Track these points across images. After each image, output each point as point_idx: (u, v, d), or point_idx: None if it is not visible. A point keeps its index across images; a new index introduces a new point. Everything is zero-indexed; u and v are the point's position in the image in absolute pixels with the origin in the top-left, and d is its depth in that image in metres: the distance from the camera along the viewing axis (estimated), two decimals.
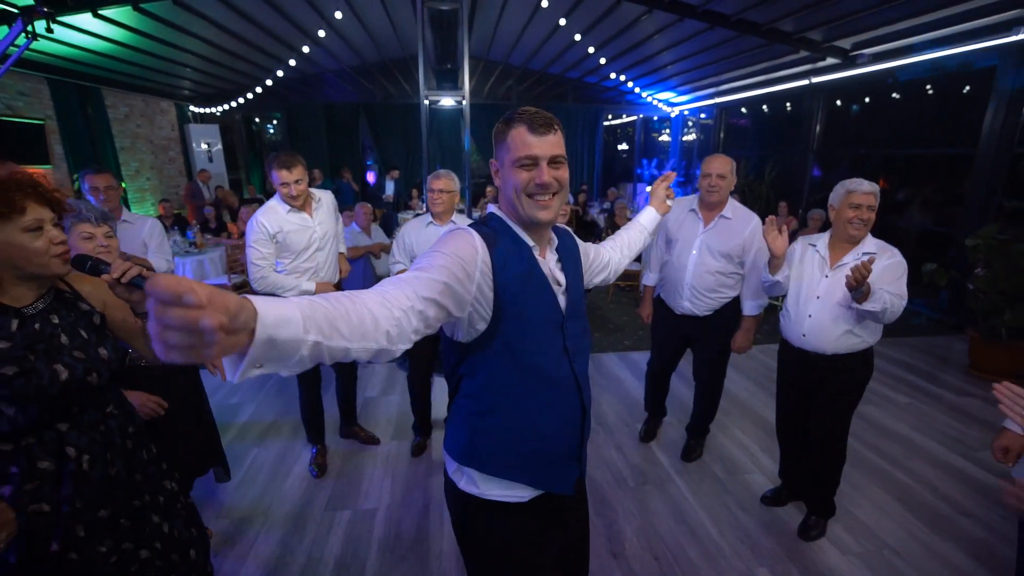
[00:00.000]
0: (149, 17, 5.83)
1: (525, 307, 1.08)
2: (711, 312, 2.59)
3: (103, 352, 1.24)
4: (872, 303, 1.85)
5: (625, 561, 2.17)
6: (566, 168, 1.10)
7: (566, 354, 1.16)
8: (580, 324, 1.21)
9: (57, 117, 7.10)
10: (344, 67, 10.25)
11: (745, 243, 2.47)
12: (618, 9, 6.28)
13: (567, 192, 1.14)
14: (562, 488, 1.19)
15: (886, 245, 2.05)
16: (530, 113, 1.06)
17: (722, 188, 2.43)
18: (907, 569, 2.13)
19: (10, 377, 1.09)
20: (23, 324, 1.15)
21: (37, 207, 1.13)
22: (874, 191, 1.96)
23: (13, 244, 1.11)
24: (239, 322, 0.58)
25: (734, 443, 3.07)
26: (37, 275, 1.17)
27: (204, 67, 8.41)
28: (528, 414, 1.13)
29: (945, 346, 4.70)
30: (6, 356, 1.11)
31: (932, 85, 5.90)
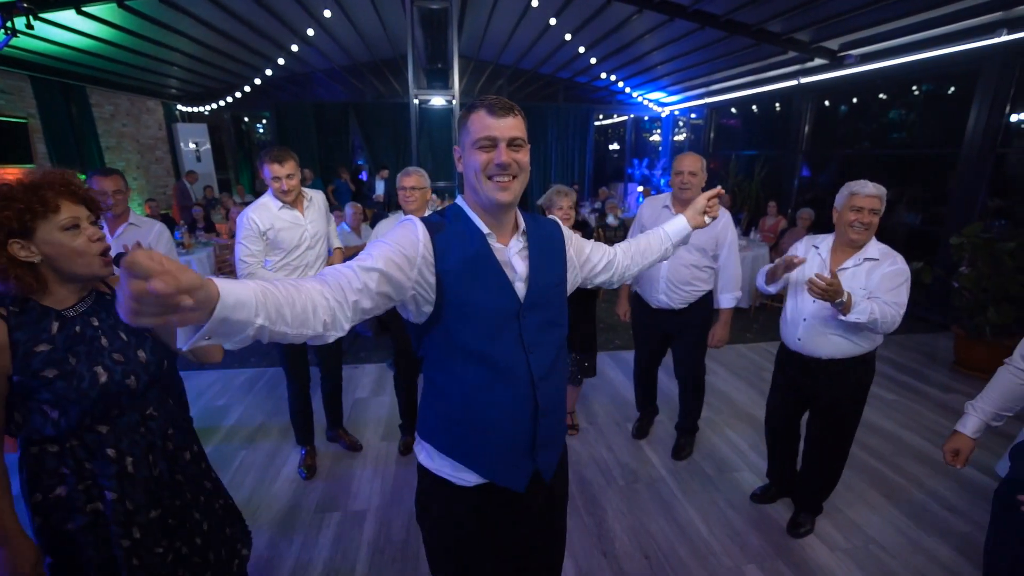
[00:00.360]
0: (134, 14, 5.76)
1: (470, 293, 1.08)
2: (686, 305, 2.65)
3: (142, 355, 1.24)
4: (856, 314, 1.82)
5: (615, 560, 2.17)
6: (526, 152, 1.11)
7: (521, 346, 1.12)
8: (544, 316, 1.16)
9: (40, 115, 6.98)
10: (334, 66, 10.18)
11: (718, 237, 2.56)
12: (608, 9, 6.29)
13: (527, 176, 1.13)
14: (508, 482, 1.16)
15: (890, 251, 1.98)
16: (491, 99, 1.08)
17: (694, 185, 2.50)
18: (893, 564, 2.15)
19: (51, 380, 1.10)
20: (64, 326, 1.15)
21: (71, 205, 1.12)
22: (879, 194, 1.91)
23: (53, 243, 1.10)
24: (199, 298, 0.65)
25: (724, 441, 3.09)
26: (80, 276, 1.16)
27: (191, 65, 8.32)
28: (474, 402, 1.12)
29: (931, 343, 4.76)
30: (48, 359, 1.11)
31: (918, 86, 5.98)
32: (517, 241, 1.17)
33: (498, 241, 1.14)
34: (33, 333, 1.11)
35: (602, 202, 7.86)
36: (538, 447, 1.18)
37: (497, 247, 1.13)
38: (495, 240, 1.13)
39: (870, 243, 1.99)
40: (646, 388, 3.11)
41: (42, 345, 1.11)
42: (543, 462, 1.20)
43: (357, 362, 4.25)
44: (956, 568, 2.13)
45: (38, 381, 1.09)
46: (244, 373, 4.00)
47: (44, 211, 1.08)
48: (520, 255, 1.17)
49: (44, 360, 1.10)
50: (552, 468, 1.24)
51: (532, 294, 1.14)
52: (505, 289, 1.11)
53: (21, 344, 1.09)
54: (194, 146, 10.04)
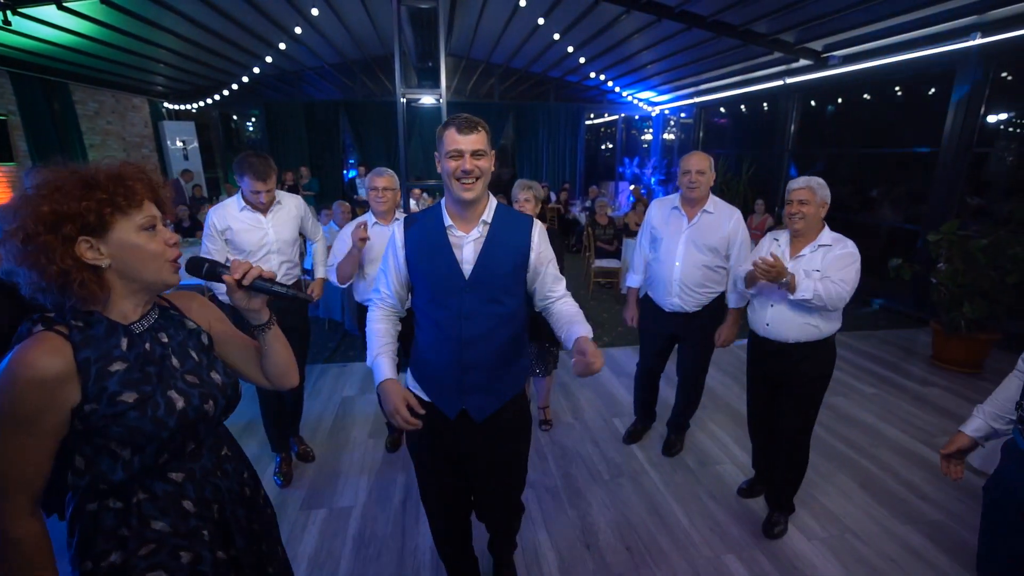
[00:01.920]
0: (117, 10, 5.69)
1: (426, 268, 1.47)
2: (700, 308, 2.61)
3: (216, 376, 1.07)
4: (801, 292, 1.99)
5: (598, 552, 2.21)
6: (488, 159, 1.41)
7: (459, 314, 1.44)
8: (487, 294, 1.45)
9: (20, 112, 6.89)
10: (324, 64, 10.14)
11: (729, 236, 2.51)
12: (596, 9, 6.33)
13: (488, 179, 1.43)
14: (443, 408, 1.53)
15: (841, 238, 2.13)
16: (460, 118, 1.39)
17: (702, 184, 2.48)
18: (868, 552, 2.21)
19: (127, 408, 0.90)
20: (132, 344, 0.96)
21: (149, 202, 0.96)
22: (805, 186, 2.07)
23: (128, 244, 0.92)
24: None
25: (708, 435, 3.14)
26: (149, 285, 0.98)
27: (178, 63, 8.25)
28: (426, 347, 1.53)
29: (910, 338, 4.86)
30: (125, 379, 0.92)
31: (899, 86, 6.09)
32: (476, 231, 1.46)
33: (459, 230, 1.46)
34: (104, 350, 0.91)
35: (592, 201, 7.90)
36: (465, 391, 1.51)
37: (457, 235, 1.45)
38: (456, 230, 1.46)
39: (824, 232, 2.13)
40: (647, 394, 3.03)
41: (116, 363, 0.92)
42: (471, 405, 1.52)
43: (346, 360, 4.26)
44: (927, 555, 2.20)
45: (115, 408, 0.89)
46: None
47: (127, 206, 0.91)
48: (475, 243, 1.45)
49: (121, 381, 0.91)
50: (483, 413, 1.53)
51: (476, 275, 1.44)
52: (452, 268, 1.44)
53: (92, 363, 0.89)
54: (181, 144, 9.95)
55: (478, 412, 1.53)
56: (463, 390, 1.51)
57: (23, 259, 0.84)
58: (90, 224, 0.87)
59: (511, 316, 1.49)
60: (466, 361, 1.47)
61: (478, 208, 1.45)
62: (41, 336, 0.86)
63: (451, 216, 1.46)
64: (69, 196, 0.85)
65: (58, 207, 0.84)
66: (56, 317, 0.89)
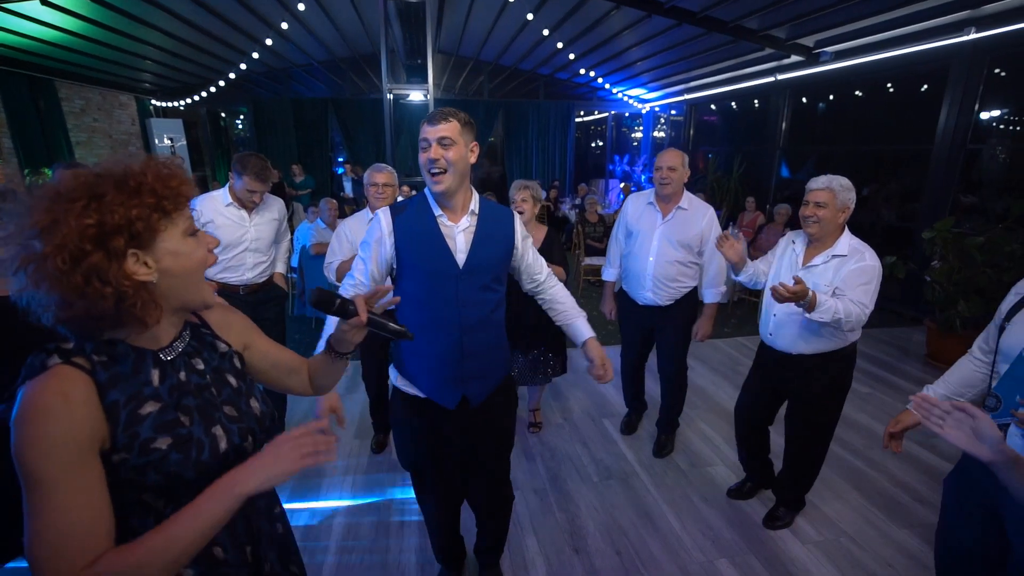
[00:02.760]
0: (102, 6, 5.58)
1: (418, 256, 1.45)
2: (672, 302, 2.63)
3: (255, 405, 0.93)
4: (819, 313, 1.78)
5: (587, 556, 2.14)
6: (456, 150, 1.37)
7: (456, 301, 1.45)
8: (482, 281, 1.48)
9: (5, 109, 6.75)
10: (312, 61, 10.02)
11: (703, 233, 2.54)
12: (586, 5, 6.28)
13: (462, 173, 1.41)
14: (442, 401, 1.54)
15: (860, 248, 1.92)
16: (433, 111, 1.39)
17: (674, 180, 2.49)
18: (863, 556, 2.16)
19: (164, 453, 0.76)
20: (164, 375, 0.82)
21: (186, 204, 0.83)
22: (825, 187, 1.89)
23: (177, 254, 0.78)
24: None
25: (698, 436, 3.08)
26: (186, 303, 0.84)
27: (165, 59, 8.12)
28: (419, 339, 1.33)
29: (905, 337, 4.83)
30: (158, 423, 0.77)
31: (891, 83, 6.06)
32: (466, 220, 1.47)
33: (449, 220, 1.46)
34: (134, 389, 0.77)
35: (582, 198, 7.85)
36: (466, 380, 1.53)
37: (447, 224, 1.45)
38: (446, 220, 1.46)
39: (841, 239, 1.95)
40: (635, 384, 3.08)
41: (148, 404, 0.78)
42: (471, 391, 1.55)
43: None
44: (924, 559, 2.14)
45: (147, 457, 0.75)
46: None
47: (173, 208, 0.78)
48: (466, 232, 1.47)
49: (155, 425, 0.77)
50: (479, 397, 1.57)
51: (470, 262, 1.45)
52: (445, 256, 1.44)
53: (122, 408, 0.75)
54: (169, 142, 9.80)
55: (476, 397, 1.57)
56: (463, 378, 1.53)
57: (64, 286, 0.68)
58: (139, 234, 0.74)
59: (500, 301, 1.56)
60: (466, 348, 1.49)
61: (462, 199, 1.47)
62: (59, 372, 0.70)
63: (439, 206, 1.46)
64: (114, 203, 0.71)
65: (104, 218, 0.70)
66: (74, 347, 0.73)
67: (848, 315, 1.80)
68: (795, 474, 2.27)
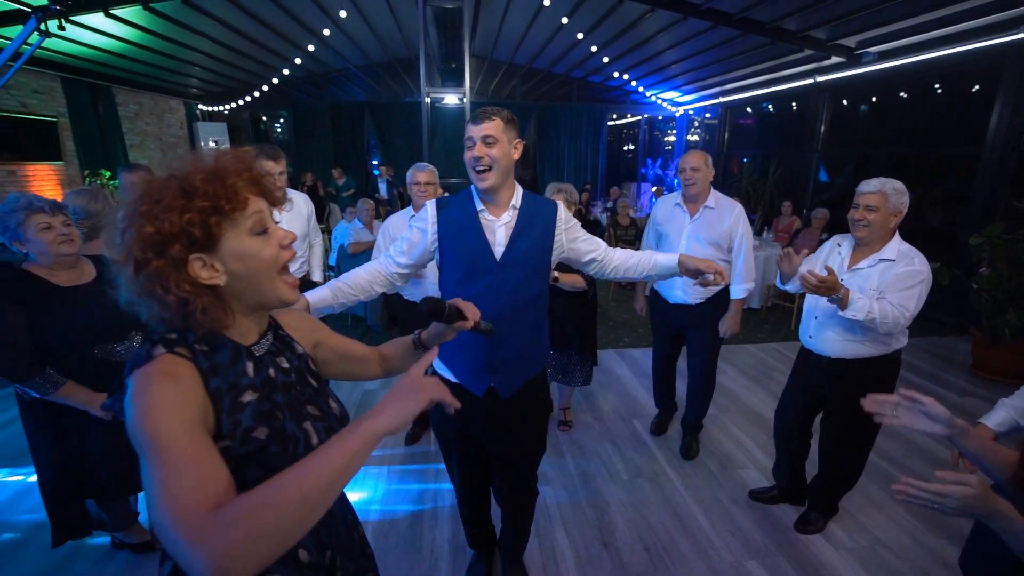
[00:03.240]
0: (159, 16, 5.92)
1: (458, 248, 1.53)
2: (703, 300, 2.65)
3: (334, 405, 0.94)
4: (853, 311, 1.79)
5: (616, 551, 2.18)
6: (500, 147, 1.44)
7: (490, 291, 1.50)
8: (520, 273, 1.52)
9: (69, 115, 7.22)
10: (350, 66, 10.32)
11: (730, 229, 2.56)
12: (620, 8, 6.28)
13: (506, 169, 1.47)
14: (471, 387, 1.61)
15: (910, 252, 1.89)
16: (477, 110, 1.47)
17: (698, 180, 2.53)
18: (898, 564, 2.12)
19: (263, 444, 0.77)
20: (257, 369, 0.83)
21: (254, 197, 0.80)
22: (877, 191, 1.87)
23: (243, 254, 0.77)
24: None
25: (729, 439, 3.07)
26: (263, 303, 0.83)
27: (212, 66, 8.52)
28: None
29: (948, 346, 4.66)
30: (257, 412, 0.79)
31: (939, 83, 5.85)
32: (507, 215, 1.53)
33: (490, 215, 1.53)
34: (233, 378, 0.79)
35: (614, 201, 7.83)
36: (493, 369, 1.58)
37: (488, 219, 1.52)
38: (487, 214, 1.53)
39: (890, 243, 1.92)
40: (665, 385, 3.10)
41: (247, 393, 0.79)
42: (498, 382, 1.59)
43: None
44: None
45: (248, 447, 0.76)
46: None
47: (232, 209, 0.76)
48: (506, 227, 1.52)
49: (254, 414, 0.78)
50: (509, 390, 1.61)
51: (507, 255, 1.51)
52: (484, 249, 1.51)
53: (224, 394, 0.77)
54: (214, 144, 10.27)
55: (505, 389, 1.60)
56: (491, 368, 1.58)
57: (139, 290, 0.72)
58: (198, 239, 0.73)
59: (537, 296, 1.59)
60: (506, 338, 1.51)
61: (505, 195, 1.53)
62: (165, 360, 0.73)
63: (483, 202, 1.53)
64: (170, 210, 0.71)
65: (161, 225, 0.71)
66: (177, 338, 0.76)
67: (884, 316, 1.79)
68: (829, 481, 2.25)
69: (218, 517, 0.60)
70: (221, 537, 0.58)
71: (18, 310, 1.60)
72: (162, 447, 0.65)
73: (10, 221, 1.64)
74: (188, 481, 0.63)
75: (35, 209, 1.64)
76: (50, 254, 1.66)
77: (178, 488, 0.62)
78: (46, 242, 1.65)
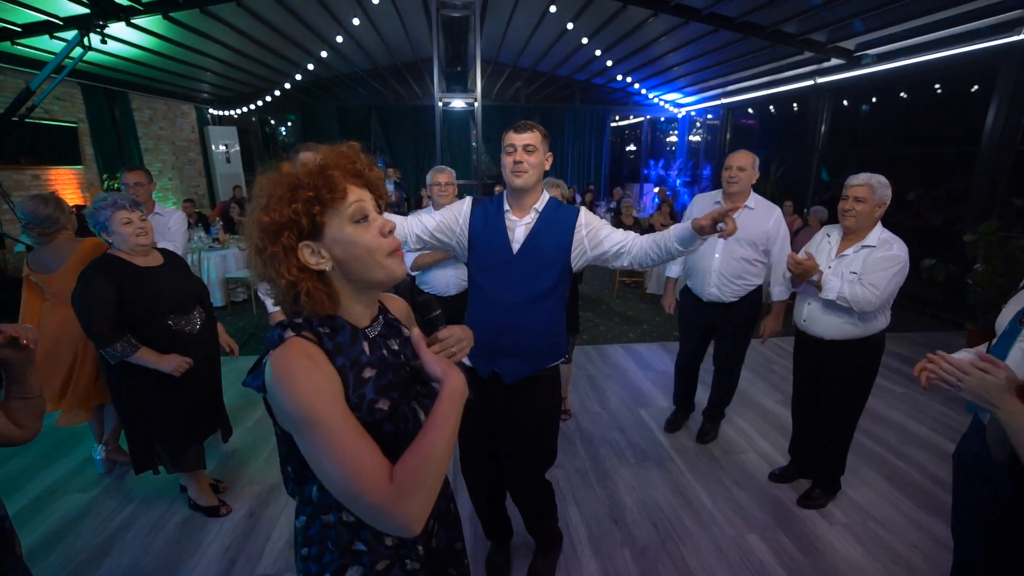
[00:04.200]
0: (176, 24, 6.12)
1: (482, 241, 1.73)
2: (736, 299, 2.71)
3: (435, 387, 0.98)
4: (825, 292, 2.06)
5: (625, 527, 2.34)
6: (538, 155, 1.67)
7: (505, 280, 1.69)
8: (531, 269, 1.68)
9: (88, 120, 7.43)
10: (357, 70, 10.52)
11: (769, 232, 2.61)
12: (624, 13, 6.44)
13: (538, 175, 1.68)
14: (477, 368, 1.74)
15: (890, 239, 2.07)
16: (518, 122, 1.70)
17: (741, 179, 2.58)
18: (891, 539, 2.27)
19: (383, 418, 0.85)
20: (372, 349, 0.91)
21: (356, 188, 0.86)
22: (864, 184, 2.06)
23: (344, 241, 0.84)
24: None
25: (733, 428, 3.22)
26: (373, 284, 0.89)
27: (224, 71, 8.72)
28: (474, 311, 1.74)
29: (945, 341, 4.79)
30: (378, 387, 0.87)
31: (935, 85, 5.99)
32: (529, 217, 1.72)
33: (514, 215, 1.73)
34: (354, 356, 0.86)
35: (617, 202, 7.99)
36: (496, 354, 1.71)
37: (512, 219, 1.72)
38: (511, 215, 1.73)
39: (873, 232, 2.11)
40: (687, 382, 3.14)
41: (367, 369, 0.87)
42: (502, 367, 1.71)
43: None
44: (952, 544, 2.23)
45: (373, 417, 0.84)
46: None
47: (332, 199, 0.83)
48: (526, 227, 1.71)
49: (376, 387, 0.86)
50: (512, 376, 1.72)
51: (521, 252, 1.69)
52: (504, 244, 1.70)
53: (349, 370, 0.84)
54: (224, 148, 10.47)
55: (508, 375, 1.72)
56: (494, 353, 1.70)
57: (264, 273, 0.84)
58: (305, 228, 0.82)
59: (548, 291, 1.69)
60: (501, 324, 1.68)
61: (531, 199, 1.71)
62: (296, 341, 0.81)
63: (510, 204, 1.74)
64: (282, 202, 0.80)
65: (274, 216, 0.80)
66: (303, 323, 0.84)
67: (854, 296, 2.01)
68: (824, 452, 2.41)
69: (400, 486, 0.74)
70: (408, 500, 0.74)
71: (110, 285, 1.93)
72: (327, 428, 0.74)
73: (100, 216, 1.96)
74: (364, 457, 0.75)
75: (119, 207, 1.98)
76: (129, 243, 1.99)
77: (360, 465, 0.74)
78: (127, 234, 1.98)
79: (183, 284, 2.12)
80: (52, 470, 2.75)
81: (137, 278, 2.00)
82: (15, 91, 5.86)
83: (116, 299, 1.94)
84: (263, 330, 5.04)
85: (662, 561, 2.14)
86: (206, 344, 2.22)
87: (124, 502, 2.48)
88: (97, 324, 1.92)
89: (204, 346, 2.20)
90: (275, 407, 0.80)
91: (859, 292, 2.01)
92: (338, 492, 0.76)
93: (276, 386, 0.76)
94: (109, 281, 1.94)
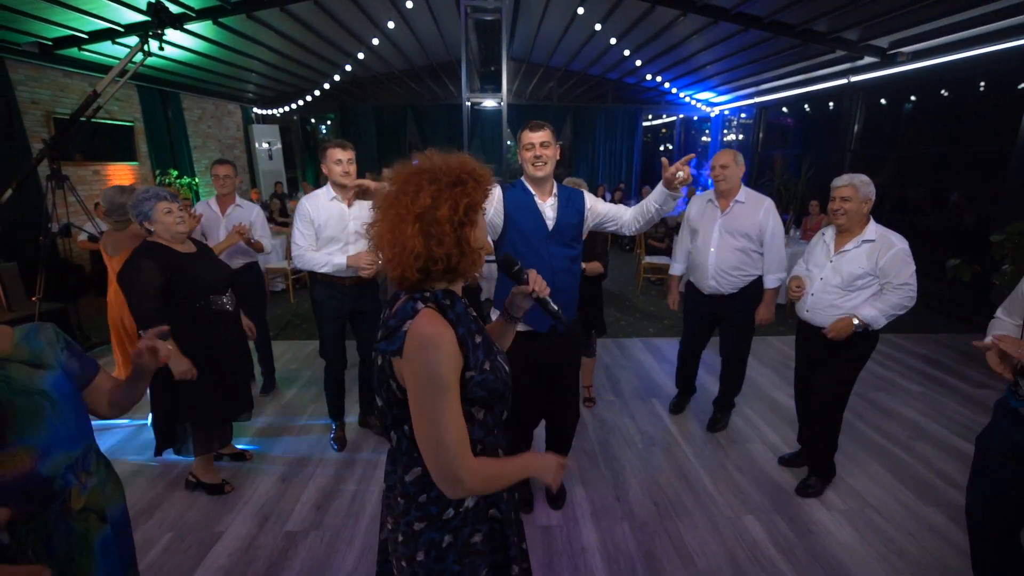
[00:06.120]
0: (225, 29, 6.54)
1: (520, 222, 2.06)
2: (736, 291, 2.83)
3: (501, 360, 1.11)
4: (876, 326, 2.21)
5: (627, 504, 2.49)
6: (551, 149, 2.04)
7: (546, 253, 2.05)
8: (563, 240, 2.08)
9: (144, 119, 8.00)
10: (394, 70, 10.87)
11: (761, 223, 2.74)
12: (652, 13, 6.51)
13: (554, 162, 2.05)
14: (536, 327, 2.08)
15: (887, 233, 2.20)
16: (531, 122, 2.08)
17: (727, 176, 2.75)
18: (885, 525, 2.35)
19: (491, 368, 1.02)
20: (472, 319, 1.07)
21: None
22: (848, 183, 2.21)
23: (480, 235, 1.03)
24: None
25: (741, 418, 3.32)
26: (477, 270, 1.07)
27: (268, 72, 9.20)
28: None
29: (969, 342, 4.69)
30: (485, 348, 1.03)
31: (969, 83, 5.82)
32: (551, 199, 2.11)
33: (539, 199, 2.09)
34: (467, 325, 1.00)
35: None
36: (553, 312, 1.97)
37: (539, 201, 2.09)
38: (537, 198, 2.09)
39: (869, 227, 2.25)
40: (687, 369, 3.31)
41: (476, 336, 1.01)
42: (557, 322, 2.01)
43: None
44: (947, 533, 2.30)
45: (483, 375, 1.00)
46: (311, 344, 4.57)
47: (483, 200, 1.02)
48: (551, 207, 2.10)
49: (483, 349, 1.02)
50: (564, 326, 1.82)
51: (556, 227, 2.07)
52: (540, 222, 2.07)
53: (467, 337, 0.98)
54: (267, 146, 11.02)
55: (562, 325, 1.96)
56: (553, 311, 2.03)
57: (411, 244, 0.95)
58: (476, 212, 1.00)
59: (576, 257, 2.15)
60: (557, 285, 1.98)
61: (548, 184, 2.11)
62: (431, 313, 0.95)
63: (533, 190, 2.10)
64: (479, 186, 1.00)
65: (473, 196, 0.98)
66: (430, 296, 0.99)
67: (896, 305, 2.17)
68: (815, 433, 2.51)
69: (475, 472, 0.95)
70: (475, 482, 0.96)
71: (156, 268, 2.11)
72: (447, 392, 0.92)
73: (144, 207, 2.17)
74: (457, 433, 0.94)
75: (160, 198, 2.18)
76: (171, 231, 2.19)
77: (463, 433, 0.95)
78: (168, 223, 2.18)
79: (217, 268, 2.32)
80: (111, 434, 3.10)
81: (179, 262, 2.19)
82: (79, 93, 6.43)
83: (163, 283, 2.11)
84: (299, 318, 5.38)
85: (659, 535, 2.29)
86: (238, 323, 2.45)
87: (172, 466, 2.78)
88: (144, 304, 2.08)
89: (237, 324, 2.43)
90: (410, 369, 0.93)
91: (894, 300, 2.16)
92: (433, 446, 0.93)
93: (420, 351, 0.91)
94: (156, 264, 2.11)
